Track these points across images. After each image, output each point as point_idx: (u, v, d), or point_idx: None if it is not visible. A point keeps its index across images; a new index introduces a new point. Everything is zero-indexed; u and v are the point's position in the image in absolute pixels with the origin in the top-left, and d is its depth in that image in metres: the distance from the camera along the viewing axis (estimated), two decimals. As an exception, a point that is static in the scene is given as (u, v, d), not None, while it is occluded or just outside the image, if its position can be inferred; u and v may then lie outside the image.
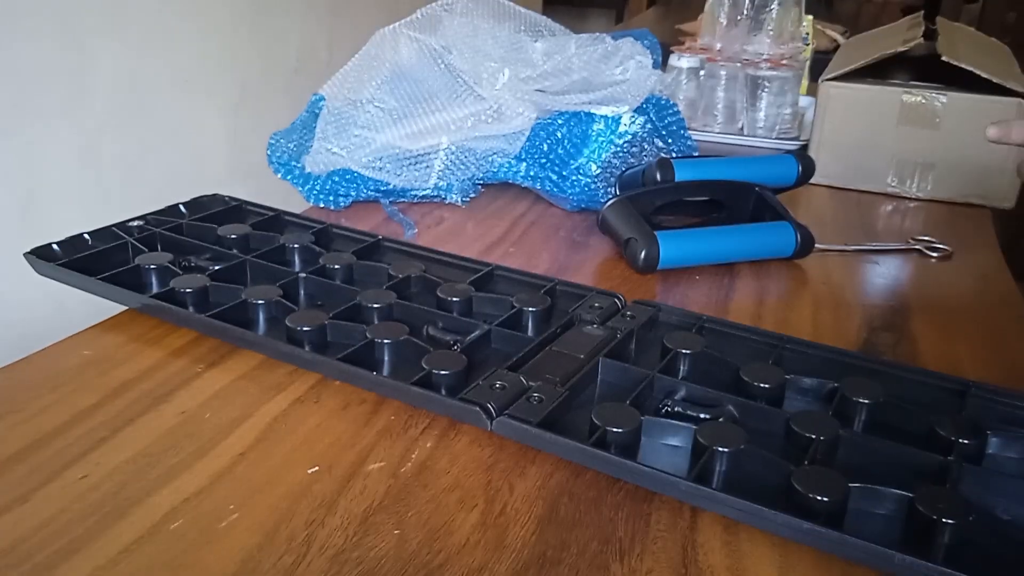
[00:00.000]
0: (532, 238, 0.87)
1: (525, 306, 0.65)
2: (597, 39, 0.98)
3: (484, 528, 0.44)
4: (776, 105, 1.19)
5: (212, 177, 1.40)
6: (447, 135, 0.93)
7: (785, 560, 0.43)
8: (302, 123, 1.02)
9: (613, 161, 0.92)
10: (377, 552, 0.42)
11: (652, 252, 0.76)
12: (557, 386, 0.54)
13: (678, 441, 0.52)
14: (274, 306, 0.64)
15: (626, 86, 0.94)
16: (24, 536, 0.43)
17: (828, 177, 1.06)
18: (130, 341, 0.62)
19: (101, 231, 0.73)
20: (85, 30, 1.10)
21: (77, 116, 1.11)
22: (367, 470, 0.49)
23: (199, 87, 1.34)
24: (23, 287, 0.78)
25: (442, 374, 0.55)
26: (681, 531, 0.45)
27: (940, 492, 0.45)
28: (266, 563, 0.41)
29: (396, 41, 0.96)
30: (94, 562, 0.41)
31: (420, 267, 0.71)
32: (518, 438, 0.51)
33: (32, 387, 0.56)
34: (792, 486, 0.45)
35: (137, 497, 0.46)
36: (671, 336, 0.61)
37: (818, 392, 0.57)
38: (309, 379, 0.57)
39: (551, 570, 0.42)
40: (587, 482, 0.49)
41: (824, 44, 1.72)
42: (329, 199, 0.92)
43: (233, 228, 0.76)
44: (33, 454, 0.49)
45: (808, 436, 0.50)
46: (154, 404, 0.54)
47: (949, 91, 1.01)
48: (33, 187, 1.06)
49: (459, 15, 0.98)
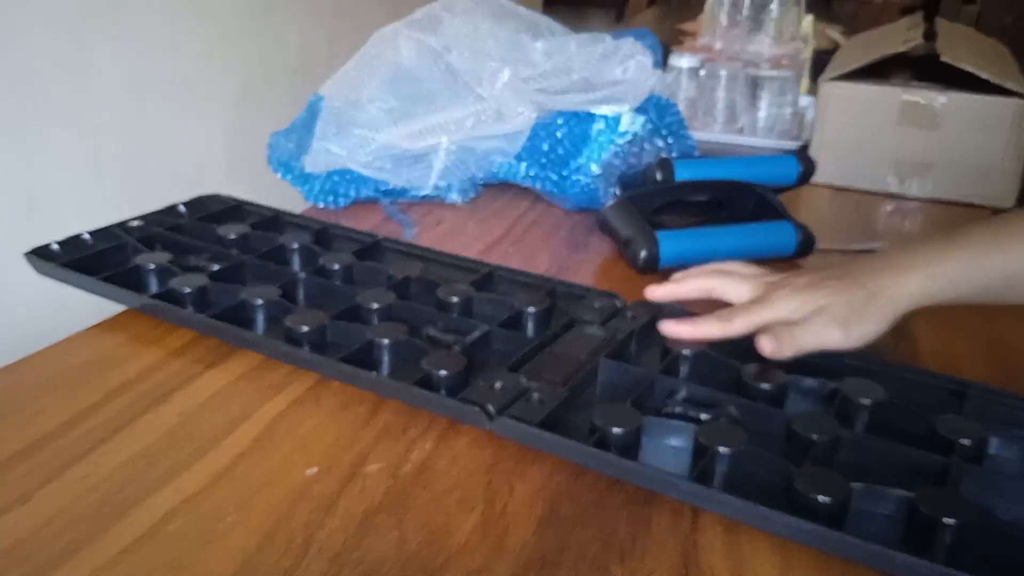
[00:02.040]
0: (532, 238, 0.87)
1: (525, 307, 0.65)
2: (597, 39, 0.98)
3: (484, 529, 0.44)
4: (776, 105, 1.19)
5: (212, 177, 1.40)
6: (447, 135, 0.93)
7: (786, 561, 0.43)
8: (302, 123, 1.02)
9: (613, 161, 0.92)
10: (376, 553, 0.42)
11: (652, 252, 0.76)
12: (557, 386, 0.54)
13: (679, 442, 0.52)
14: (273, 306, 0.64)
15: (626, 86, 0.94)
16: (24, 536, 0.43)
17: (828, 177, 1.06)
18: (130, 341, 0.62)
19: (101, 231, 0.73)
20: (86, 30, 1.10)
21: (77, 116, 1.11)
22: (366, 471, 0.48)
23: (199, 87, 1.34)
24: (23, 287, 0.78)
25: (442, 374, 0.55)
26: (682, 532, 0.45)
27: (941, 493, 0.45)
28: (265, 564, 0.41)
29: (396, 41, 0.96)
30: (94, 562, 0.41)
31: (420, 267, 0.71)
32: (518, 439, 0.51)
33: (32, 387, 0.56)
34: (793, 487, 0.45)
35: (136, 497, 0.46)
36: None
37: (819, 393, 0.57)
38: (308, 379, 0.57)
39: (551, 571, 0.42)
40: (587, 483, 0.48)
41: (824, 44, 1.72)
42: (329, 199, 0.92)
43: (233, 228, 0.76)
44: (33, 454, 0.49)
45: (809, 437, 0.50)
46: (153, 404, 0.54)
47: (949, 91, 1.01)
48: (33, 187, 1.06)
49: (459, 15, 0.98)
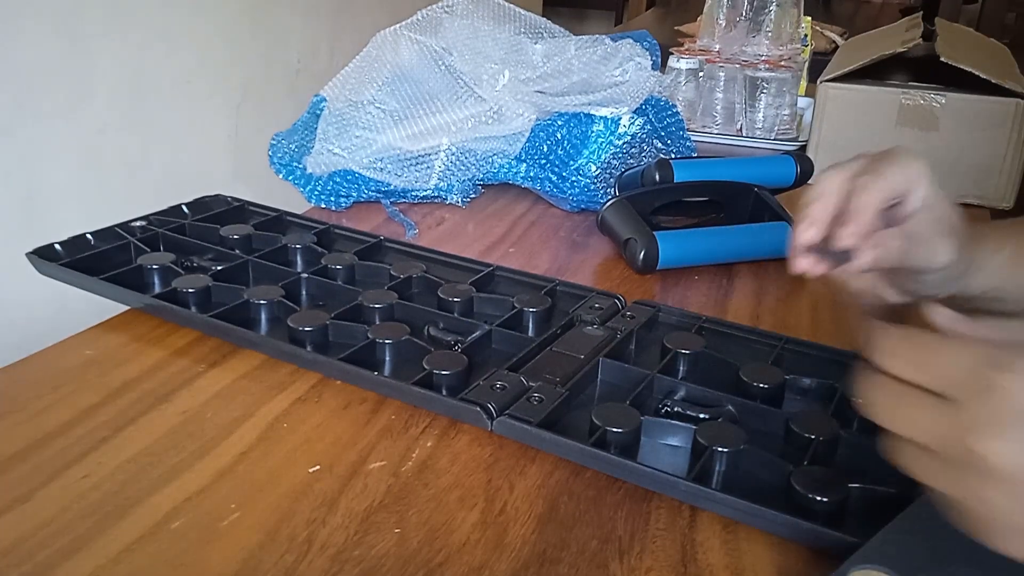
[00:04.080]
0: (532, 238, 0.87)
1: (525, 307, 0.65)
2: (596, 41, 0.98)
3: (484, 527, 0.45)
4: (775, 106, 1.19)
5: (214, 178, 1.40)
6: (448, 136, 0.93)
7: (784, 559, 0.43)
8: (304, 124, 1.02)
9: (612, 162, 0.93)
10: (378, 551, 0.43)
11: (651, 252, 0.76)
12: (557, 386, 0.54)
13: (678, 441, 0.52)
14: (276, 306, 0.64)
15: (625, 87, 0.94)
16: (26, 535, 0.43)
17: (827, 178, 1.06)
18: (132, 341, 0.62)
19: (103, 231, 0.73)
20: (87, 30, 1.10)
21: (79, 116, 1.11)
22: (368, 469, 0.49)
23: (201, 88, 1.34)
24: (25, 287, 0.78)
25: (443, 374, 0.55)
26: (680, 530, 0.45)
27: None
28: (267, 562, 0.42)
29: (397, 43, 0.96)
30: (95, 561, 0.41)
31: (421, 267, 0.71)
32: (518, 438, 0.51)
33: (34, 387, 0.56)
34: (791, 486, 0.45)
35: (138, 496, 0.46)
36: (671, 336, 0.61)
37: (817, 392, 0.57)
38: (310, 379, 0.58)
39: (551, 569, 0.42)
40: (587, 481, 0.49)
41: (822, 45, 1.73)
42: (330, 200, 0.92)
43: (235, 228, 0.76)
44: (35, 453, 0.49)
45: (807, 436, 0.50)
46: (156, 404, 0.54)
47: (948, 92, 1.01)
48: (35, 187, 1.06)
49: (460, 17, 0.98)
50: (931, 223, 0.48)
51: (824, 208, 0.47)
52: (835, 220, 0.47)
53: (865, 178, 0.47)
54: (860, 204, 0.46)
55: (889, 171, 0.47)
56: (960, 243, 0.49)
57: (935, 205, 0.48)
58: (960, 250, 0.49)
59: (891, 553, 0.38)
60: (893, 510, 0.46)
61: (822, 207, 0.47)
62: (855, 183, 0.47)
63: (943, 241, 0.49)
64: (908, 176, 0.47)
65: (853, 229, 0.46)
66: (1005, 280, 0.52)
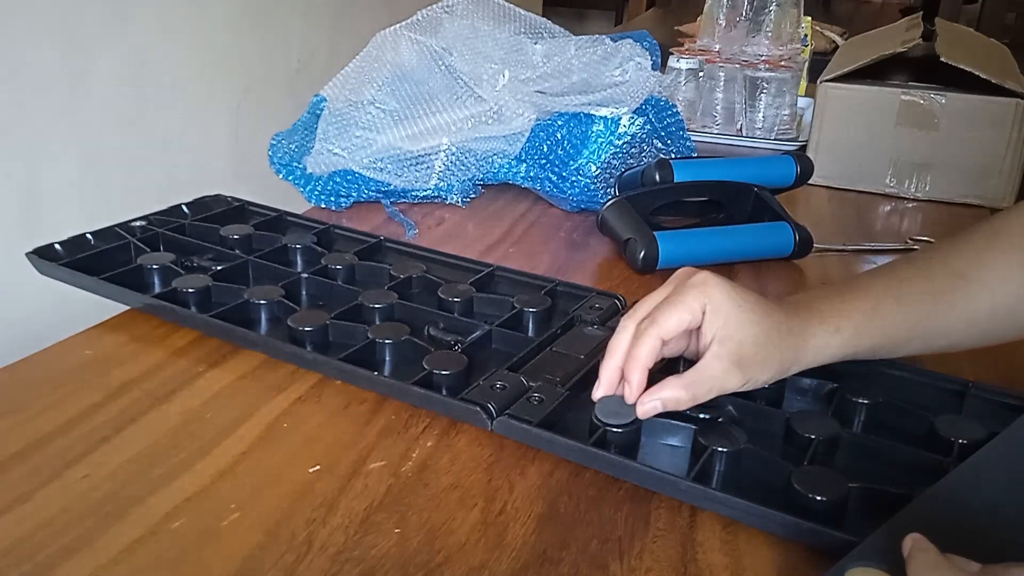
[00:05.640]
0: (532, 238, 0.87)
1: (526, 307, 0.65)
2: (596, 41, 0.98)
3: (484, 527, 0.45)
4: (775, 106, 1.19)
5: (214, 178, 1.40)
6: (447, 136, 0.93)
7: (784, 559, 0.43)
8: (303, 124, 1.02)
9: (612, 162, 0.92)
10: (378, 551, 0.43)
11: (651, 252, 0.76)
12: (557, 386, 0.54)
13: (678, 441, 0.52)
14: (276, 306, 0.64)
15: (625, 87, 0.94)
16: (26, 535, 0.43)
17: (826, 178, 1.06)
18: (132, 341, 0.62)
19: (103, 231, 0.73)
20: (87, 31, 1.10)
21: (80, 116, 1.11)
22: (368, 469, 0.49)
23: (201, 88, 1.34)
24: (25, 287, 0.78)
25: (443, 374, 0.55)
26: (680, 530, 0.45)
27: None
28: (267, 562, 0.42)
29: (397, 43, 0.96)
30: (95, 561, 0.41)
31: (421, 267, 0.71)
32: (518, 438, 0.51)
33: (34, 386, 0.56)
34: (792, 486, 0.45)
35: (138, 496, 0.46)
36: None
37: (817, 392, 0.57)
38: (310, 379, 0.58)
39: (551, 569, 0.42)
40: (587, 481, 0.49)
41: (822, 45, 1.73)
42: (330, 200, 0.92)
43: (235, 228, 0.76)
44: (35, 453, 0.49)
45: (807, 436, 0.50)
46: (156, 404, 0.54)
47: (948, 92, 1.01)
48: (35, 187, 1.06)
49: (459, 17, 0.98)
50: (721, 356, 0.49)
51: (611, 367, 0.50)
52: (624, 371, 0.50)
53: (644, 323, 0.50)
54: (635, 355, 0.49)
55: (664, 315, 0.49)
56: (760, 367, 0.49)
57: (726, 338, 0.49)
58: (762, 371, 0.50)
59: (887, 551, 0.38)
60: (893, 510, 0.46)
61: (611, 365, 0.50)
62: (638, 329, 0.50)
63: (734, 371, 0.49)
64: (693, 314, 0.49)
65: (628, 391, 0.49)
66: (872, 339, 0.52)
